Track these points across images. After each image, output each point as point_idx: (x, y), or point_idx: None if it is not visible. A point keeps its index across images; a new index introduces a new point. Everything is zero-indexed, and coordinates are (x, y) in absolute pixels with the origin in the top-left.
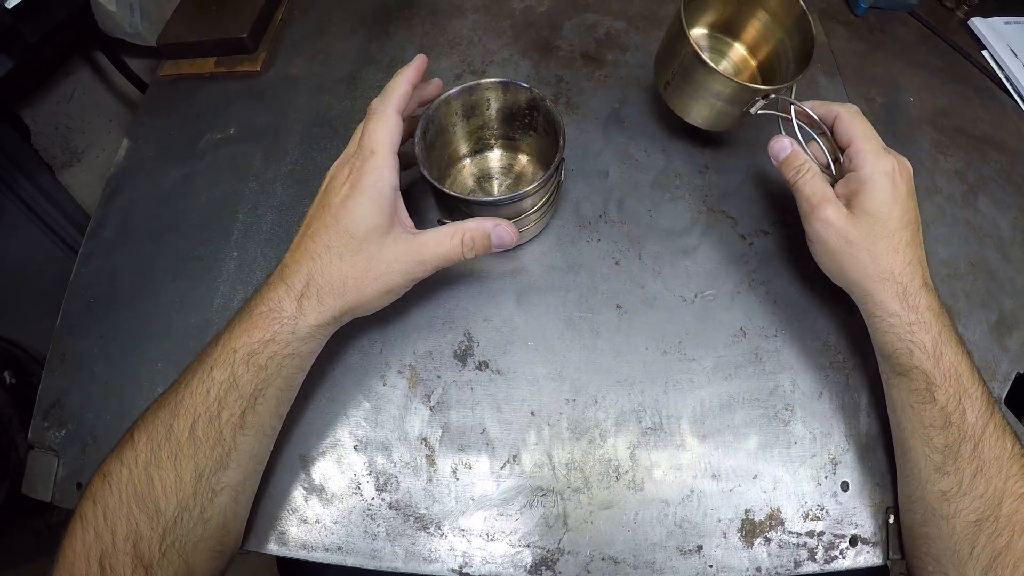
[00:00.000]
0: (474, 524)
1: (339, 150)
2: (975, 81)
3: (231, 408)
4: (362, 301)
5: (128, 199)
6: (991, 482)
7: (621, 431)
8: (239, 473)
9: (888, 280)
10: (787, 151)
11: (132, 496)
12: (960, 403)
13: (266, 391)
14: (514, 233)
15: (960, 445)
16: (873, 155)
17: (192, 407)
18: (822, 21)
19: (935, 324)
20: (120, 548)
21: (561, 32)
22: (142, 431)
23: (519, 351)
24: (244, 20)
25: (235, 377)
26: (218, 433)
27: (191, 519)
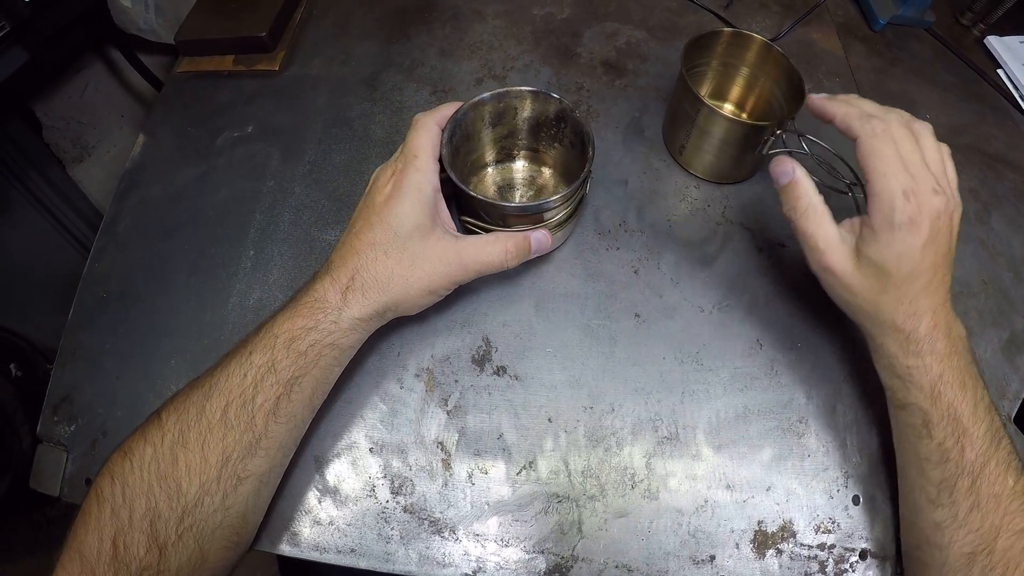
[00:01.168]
0: (489, 529)
1: (358, 151)
2: (990, 100)
3: (266, 392)
4: (406, 297)
5: (143, 195)
6: (987, 517)
7: (637, 440)
8: (266, 462)
9: (889, 328)
10: (788, 177)
11: (154, 475)
12: (958, 441)
13: (303, 379)
14: (550, 238)
15: (957, 480)
16: (884, 202)
17: (227, 389)
18: (840, 36)
19: (936, 367)
20: (136, 526)
21: (582, 40)
22: (171, 411)
23: (537, 357)
24: (263, 19)
25: (274, 362)
26: (250, 417)
27: (212, 504)
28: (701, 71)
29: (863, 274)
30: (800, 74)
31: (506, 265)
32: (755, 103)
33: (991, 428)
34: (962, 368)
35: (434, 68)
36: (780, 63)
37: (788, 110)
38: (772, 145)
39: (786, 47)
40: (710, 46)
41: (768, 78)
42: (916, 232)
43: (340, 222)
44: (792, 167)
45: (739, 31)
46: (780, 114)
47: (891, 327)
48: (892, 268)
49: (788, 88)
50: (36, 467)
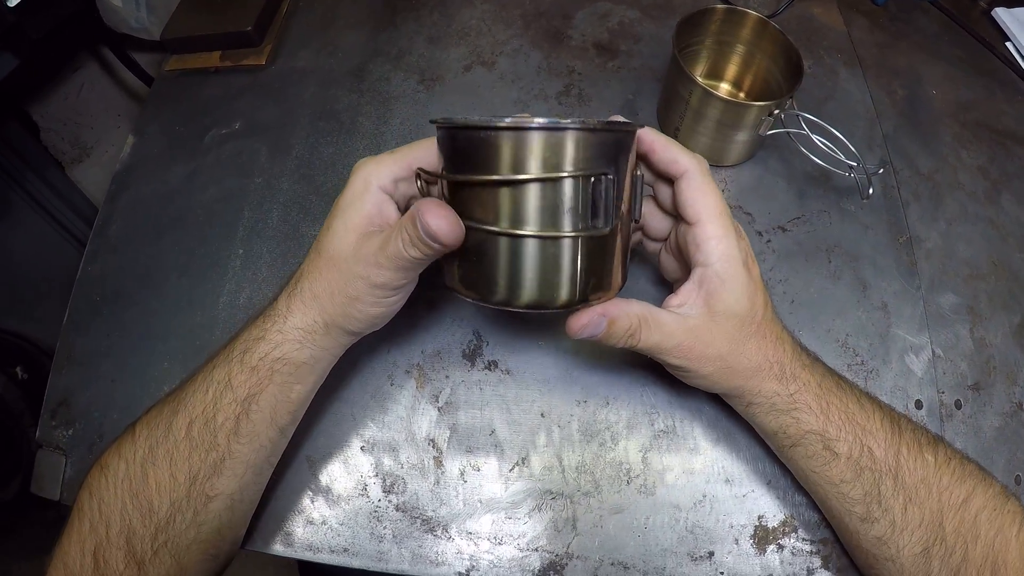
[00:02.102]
0: (482, 527)
1: (346, 144)
2: (999, 74)
3: (225, 411)
4: (337, 313)
5: (134, 196)
6: (924, 506)
7: (633, 434)
8: (234, 482)
9: (764, 368)
10: (601, 327)
11: (127, 492)
12: (863, 444)
13: (260, 397)
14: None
15: (879, 486)
16: (726, 242)
17: (192, 406)
18: (842, 11)
19: (813, 379)
20: (114, 543)
21: (573, 21)
22: (144, 425)
23: (529, 351)
24: (249, 13)
25: (230, 377)
26: (212, 437)
27: (184, 521)
28: (695, 50)
29: (724, 330)
30: (798, 51)
31: (404, 252)
32: (752, 82)
33: (884, 415)
34: (827, 371)
35: (422, 56)
36: (777, 40)
37: (786, 89)
38: (771, 125)
39: (784, 23)
40: (703, 24)
41: (765, 56)
42: (755, 264)
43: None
44: (598, 315)
45: (733, 7)
46: (778, 93)
47: (765, 365)
48: (748, 307)
49: (786, 66)
50: (36, 472)
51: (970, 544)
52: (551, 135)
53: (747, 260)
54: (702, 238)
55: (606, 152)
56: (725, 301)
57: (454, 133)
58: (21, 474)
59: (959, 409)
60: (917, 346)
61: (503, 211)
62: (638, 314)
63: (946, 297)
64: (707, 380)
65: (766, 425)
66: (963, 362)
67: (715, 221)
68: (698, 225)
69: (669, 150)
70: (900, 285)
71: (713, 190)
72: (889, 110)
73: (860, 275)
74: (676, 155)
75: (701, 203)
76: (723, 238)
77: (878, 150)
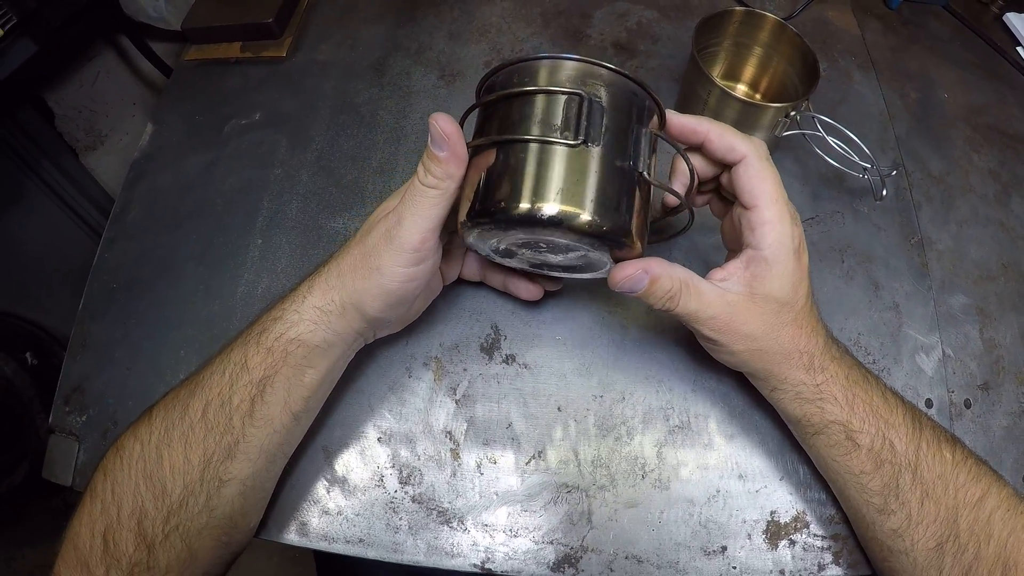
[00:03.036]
0: (498, 519)
1: (366, 137)
2: (1010, 78)
3: (240, 393)
4: (356, 288)
5: (152, 184)
6: (941, 502)
7: (648, 429)
8: (247, 466)
9: (794, 356)
10: (643, 282)
11: (141, 473)
12: (885, 437)
13: (274, 379)
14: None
15: (898, 479)
16: (780, 228)
17: (208, 387)
18: (856, 14)
19: (841, 371)
20: (124, 524)
21: (591, 20)
22: (161, 408)
23: (547, 345)
24: (270, 5)
25: (247, 358)
26: (227, 419)
27: (196, 505)
28: (713, 52)
29: (762, 312)
30: (815, 54)
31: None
32: (769, 84)
33: (906, 410)
34: (855, 363)
35: (442, 52)
36: (794, 43)
37: (802, 91)
38: (786, 127)
39: (800, 26)
40: (722, 26)
41: (782, 58)
42: (805, 252)
43: (348, 209)
44: (640, 270)
45: (752, 10)
46: (794, 95)
47: (795, 354)
48: (791, 297)
49: (802, 68)
50: (49, 457)
51: (983, 543)
52: (581, 65)
53: (798, 248)
54: (757, 222)
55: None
56: (768, 285)
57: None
58: (29, 460)
59: (968, 408)
60: (928, 346)
61: (535, 119)
62: (681, 278)
63: (956, 298)
64: (736, 357)
65: (790, 412)
66: (973, 362)
67: (772, 207)
68: (754, 210)
69: (725, 137)
70: (911, 286)
71: (771, 175)
72: (902, 113)
73: (872, 275)
74: (733, 142)
75: (759, 188)
76: (777, 223)
77: (891, 152)
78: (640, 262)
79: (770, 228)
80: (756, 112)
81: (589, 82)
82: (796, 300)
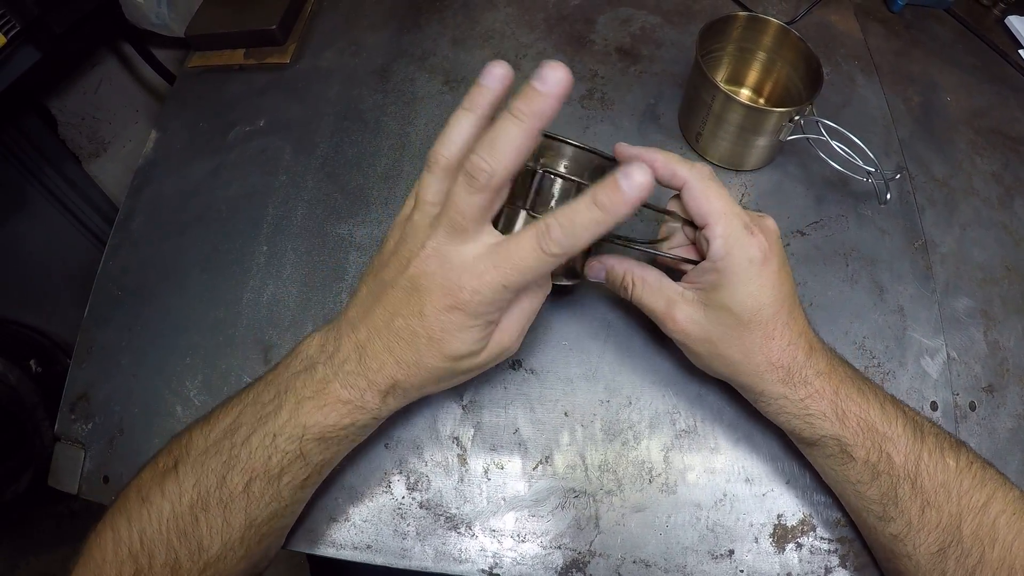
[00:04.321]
0: (505, 525)
1: (370, 143)
2: (1012, 81)
3: (293, 474)
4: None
5: (156, 191)
6: (943, 509)
7: (655, 433)
8: (292, 519)
9: (766, 369)
10: (601, 274)
11: (174, 531)
12: (881, 450)
13: (333, 459)
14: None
15: (896, 490)
16: (732, 241)
17: (250, 467)
18: (858, 18)
19: (828, 387)
20: (157, 572)
21: (595, 26)
22: (189, 471)
23: (553, 351)
24: (274, 11)
25: (303, 452)
26: (276, 492)
27: (235, 558)
28: (717, 56)
29: (720, 321)
30: (818, 58)
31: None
32: (772, 88)
33: (907, 421)
34: (850, 375)
35: (446, 58)
36: (797, 47)
37: (806, 95)
38: (790, 131)
39: (803, 30)
40: (725, 31)
41: (785, 63)
42: (770, 262)
43: (353, 216)
44: (599, 265)
45: (755, 15)
46: (798, 99)
47: (768, 367)
48: (751, 309)
49: (806, 73)
50: (54, 465)
51: (987, 547)
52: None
53: (762, 259)
54: (709, 237)
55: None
56: (722, 296)
57: None
58: (33, 467)
59: (973, 411)
60: (932, 349)
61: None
62: (632, 271)
63: (960, 301)
64: (701, 361)
65: (780, 424)
66: (977, 365)
67: (720, 222)
68: (706, 228)
69: (668, 166)
70: (916, 289)
71: (716, 194)
72: (905, 116)
73: (877, 279)
74: (674, 169)
75: (705, 207)
76: (727, 236)
77: (894, 156)
78: (604, 258)
79: (721, 242)
80: (760, 117)
81: (547, 154)
82: (758, 311)
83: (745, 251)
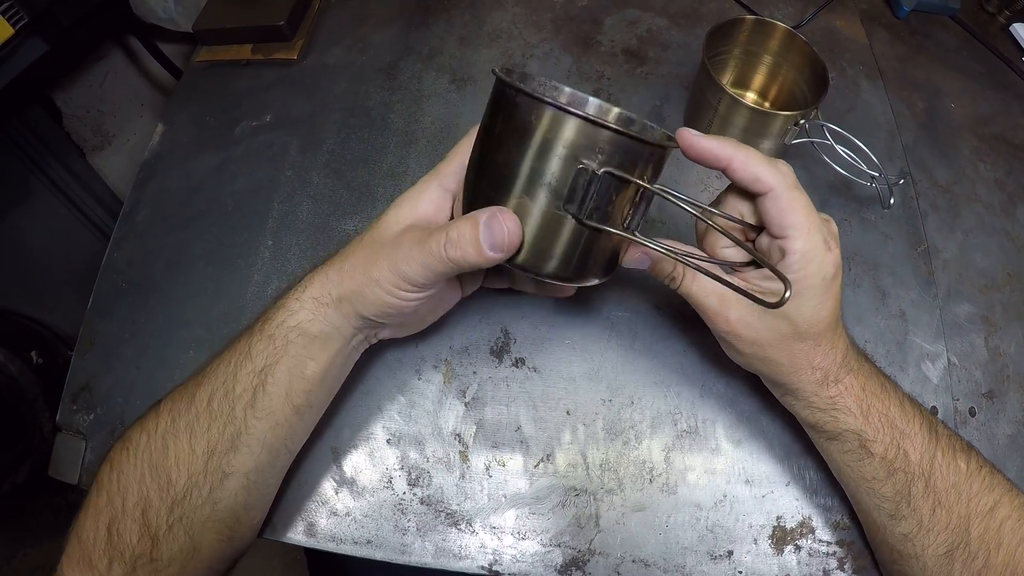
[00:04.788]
0: (506, 522)
1: (377, 140)
2: (1016, 88)
3: (243, 382)
4: (352, 289)
5: (162, 184)
6: (953, 510)
7: (656, 433)
8: (250, 459)
9: (805, 371)
10: (645, 263)
11: (147, 464)
12: (899, 447)
13: (275, 368)
14: (515, 228)
15: (910, 487)
16: (810, 257)
17: (214, 376)
18: (864, 23)
19: (856, 383)
20: (129, 514)
21: (602, 27)
22: (168, 400)
23: (556, 349)
24: (282, 7)
25: (250, 346)
26: (231, 408)
27: (200, 496)
28: (723, 59)
29: (775, 327)
30: (824, 63)
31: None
32: (778, 92)
33: (923, 420)
34: (874, 371)
35: (453, 56)
36: (803, 51)
37: (811, 99)
38: (795, 135)
39: (809, 35)
40: (732, 34)
41: (791, 67)
42: (838, 277)
43: (358, 212)
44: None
45: (762, 19)
46: (803, 103)
47: (809, 370)
48: (809, 321)
49: (811, 77)
50: (55, 455)
51: (992, 551)
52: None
53: (830, 276)
54: (786, 249)
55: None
56: (789, 311)
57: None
58: (32, 459)
59: (973, 416)
60: (933, 354)
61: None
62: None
63: (962, 306)
64: (742, 358)
65: (804, 418)
66: (978, 370)
67: (802, 238)
68: (784, 240)
69: (749, 167)
70: (917, 294)
71: (801, 204)
72: (909, 122)
73: (879, 283)
74: (758, 172)
75: (789, 220)
76: (806, 253)
77: (898, 161)
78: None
79: (798, 256)
80: (765, 120)
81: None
82: (815, 324)
83: (821, 269)
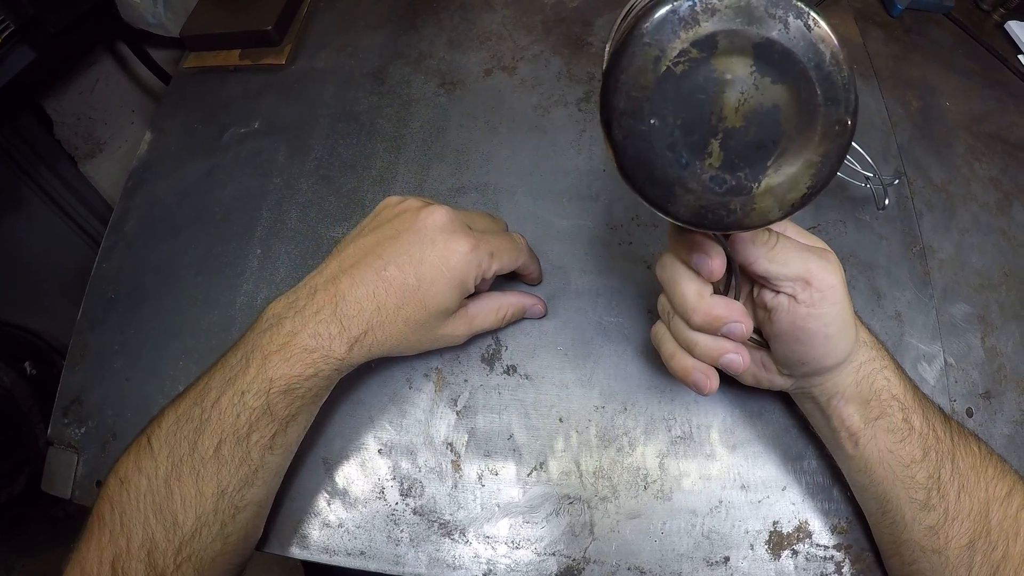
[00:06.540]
0: (499, 531)
1: (365, 146)
2: (1011, 86)
3: (262, 431)
4: (401, 353)
5: (150, 193)
6: (974, 495)
7: (650, 439)
8: (263, 490)
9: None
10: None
11: (150, 506)
12: (929, 421)
13: (299, 416)
14: (544, 308)
15: (940, 470)
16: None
17: (220, 428)
18: (858, 22)
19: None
20: (135, 555)
21: (593, 28)
22: (162, 442)
23: (548, 356)
24: (269, 12)
25: (270, 405)
26: (245, 453)
27: (210, 534)
28: None
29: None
30: None
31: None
32: None
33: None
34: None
35: (442, 60)
36: None
37: None
38: None
39: None
40: None
41: None
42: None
43: (347, 219)
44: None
45: None
46: None
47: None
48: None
49: None
50: (47, 470)
51: (1011, 540)
52: None
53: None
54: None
55: None
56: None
57: None
58: (28, 469)
59: (970, 417)
60: (930, 355)
61: None
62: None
63: (958, 307)
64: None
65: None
66: (975, 371)
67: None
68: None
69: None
70: (913, 295)
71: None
72: (904, 121)
73: (875, 284)
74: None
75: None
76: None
77: (893, 161)
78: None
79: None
80: None
81: None
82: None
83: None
